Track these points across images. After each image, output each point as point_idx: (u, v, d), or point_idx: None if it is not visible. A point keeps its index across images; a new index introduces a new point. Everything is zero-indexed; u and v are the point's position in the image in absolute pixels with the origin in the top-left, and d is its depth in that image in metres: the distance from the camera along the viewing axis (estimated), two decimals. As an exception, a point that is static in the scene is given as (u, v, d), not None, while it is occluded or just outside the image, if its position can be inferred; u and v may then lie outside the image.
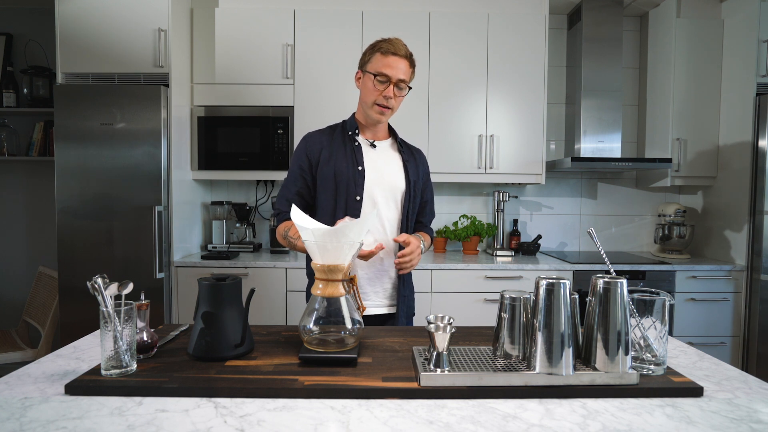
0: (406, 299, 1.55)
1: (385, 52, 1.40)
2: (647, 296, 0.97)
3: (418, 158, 1.61)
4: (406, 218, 1.52)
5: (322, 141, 1.50)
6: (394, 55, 1.40)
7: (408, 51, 1.44)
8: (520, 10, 2.78)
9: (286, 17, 2.72)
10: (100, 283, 0.91)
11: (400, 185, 1.50)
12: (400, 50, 1.41)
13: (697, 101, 2.87)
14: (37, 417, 0.78)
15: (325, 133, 1.53)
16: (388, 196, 1.49)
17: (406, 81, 1.43)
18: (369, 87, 1.43)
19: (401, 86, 1.43)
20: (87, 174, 2.47)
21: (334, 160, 1.46)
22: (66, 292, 2.49)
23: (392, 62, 1.40)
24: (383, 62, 1.40)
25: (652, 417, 0.80)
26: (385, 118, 1.46)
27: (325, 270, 1.03)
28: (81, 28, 2.51)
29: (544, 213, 3.22)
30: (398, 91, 1.43)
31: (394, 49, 1.40)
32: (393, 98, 1.43)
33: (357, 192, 1.45)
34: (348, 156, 1.47)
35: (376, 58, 1.42)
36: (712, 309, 2.67)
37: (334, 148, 1.48)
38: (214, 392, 0.86)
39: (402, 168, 1.52)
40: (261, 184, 3.12)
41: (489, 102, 2.78)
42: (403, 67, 1.42)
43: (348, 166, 1.46)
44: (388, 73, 1.40)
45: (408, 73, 1.44)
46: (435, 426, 0.76)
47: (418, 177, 1.56)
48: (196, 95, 2.79)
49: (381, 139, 1.55)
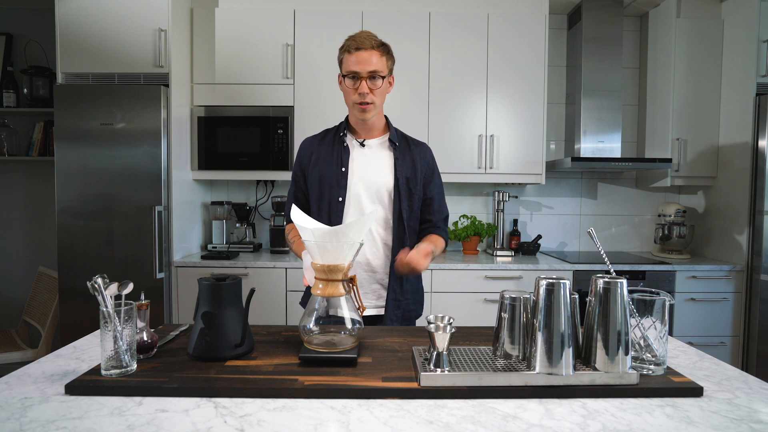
0: (400, 303, 1.50)
1: (351, 50, 1.38)
2: (647, 296, 0.97)
3: (418, 153, 1.53)
4: (399, 217, 1.46)
5: (313, 146, 1.53)
6: (359, 50, 1.37)
7: (375, 41, 1.39)
8: (520, 10, 2.78)
9: (286, 17, 2.72)
10: (100, 283, 0.91)
11: (388, 184, 1.46)
12: (365, 43, 1.37)
13: (697, 101, 2.87)
14: (37, 417, 0.78)
15: (318, 138, 1.56)
16: (373, 195, 1.46)
17: (378, 72, 1.39)
18: (345, 88, 1.43)
19: (375, 78, 1.39)
20: (87, 174, 2.47)
21: (320, 163, 1.49)
22: (66, 292, 2.49)
23: (359, 57, 1.37)
24: (350, 60, 1.38)
25: (652, 417, 0.80)
26: (370, 114, 1.43)
27: (325, 270, 1.03)
28: (81, 28, 2.51)
29: (544, 213, 3.22)
30: (373, 84, 1.39)
31: (358, 44, 1.37)
32: (369, 93, 1.39)
33: (339, 193, 1.45)
34: (334, 158, 1.48)
35: (345, 59, 1.40)
36: (712, 309, 2.67)
37: (322, 152, 1.50)
38: (214, 392, 0.86)
39: (391, 166, 1.48)
40: (261, 184, 3.12)
41: (489, 102, 2.78)
42: (373, 59, 1.37)
43: (332, 168, 1.46)
44: (357, 70, 1.38)
45: (380, 63, 1.39)
46: (435, 426, 0.76)
47: (413, 174, 1.49)
48: (196, 95, 2.79)
49: (375, 137, 1.51)
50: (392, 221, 1.48)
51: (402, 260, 1.34)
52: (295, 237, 1.44)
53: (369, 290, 1.50)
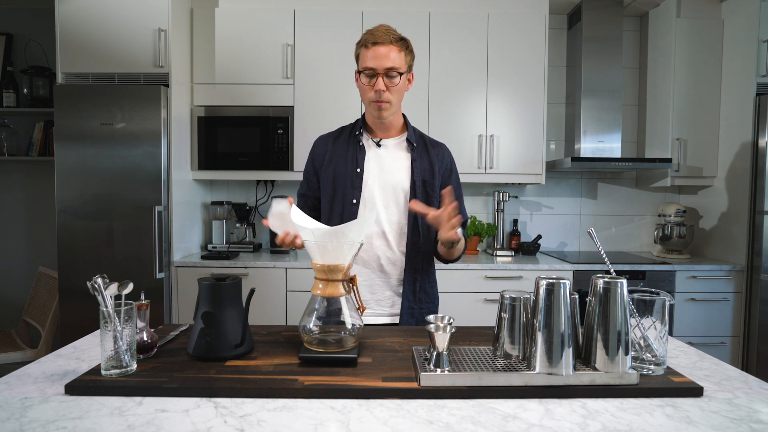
0: (414, 311, 1.42)
1: (368, 44, 1.31)
2: (647, 296, 0.97)
3: (436, 155, 1.45)
4: (415, 222, 1.40)
5: (327, 144, 1.46)
6: (376, 45, 1.30)
7: (395, 35, 1.32)
8: (520, 10, 2.78)
9: (286, 17, 2.72)
10: (100, 283, 0.91)
11: (404, 186, 1.40)
12: (382, 37, 1.30)
13: (697, 101, 2.87)
14: (37, 417, 0.77)
15: (333, 136, 1.48)
16: (388, 197, 1.40)
17: (396, 68, 1.31)
18: (361, 85, 1.36)
19: (392, 75, 1.31)
20: (87, 174, 2.47)
21: (334, 163, 1.42)
22: (66, 292, 2.49)
23: (376, 53, 1.30)
24: (367, 56, 1.31)
25: (652, 417, 0.80)
26: (387, 113, 1.36)
27: (325, 270, 1.03)
28: (81, 28, 2.51)
29: (544, 213, 3.22)
30: (390, 81, 1.32)
31: (375, 38, 1.30)
32: (386, 91, 1.32)
33: (354, 195, 1.38)
34: (349, 158, 1.41)
35: (362, 54, 1.34)
36: (712, 309, 2.67)
37: (337, 151, 1.44)
38: (214, 392, 0.86)
39: (408, 167, 1.41)
40: (261, 184, 3.12)
41: (489, 102, 2.78)
42: (392, 54, 1.30)
43: (347, 168, 1.40)
44: (373, 65, 1.30)
45: (399, 59, 1.31)
46: (435, 426, 0.76)
47: (430, 176, 1.42)
48: (196, 95, 2.79)
49: (392, 136, 1.44)
50: (407, 226, 1.40)
51: (440, 215, 1.21)
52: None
53: (382, 297, 1.43)
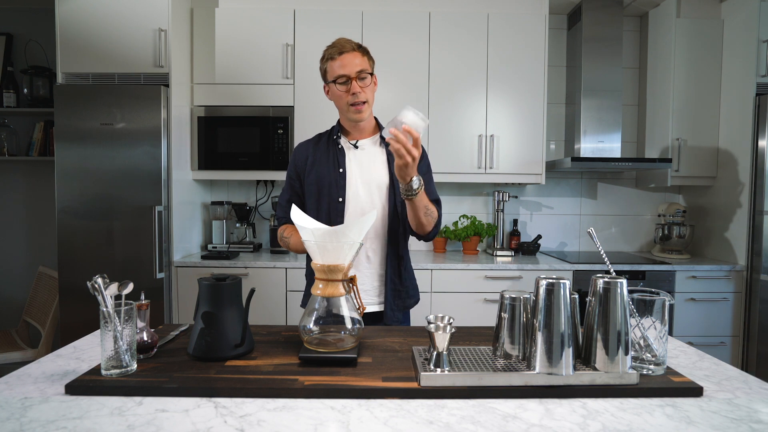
0: (400, 293, 1.54)
1: (334, 56, 1.44)
2: (647, 296, 0.97)
3: None
4: (395, 210, 1.51)
5: (308, 150, 1.58)
6: (343, 54, 1.44)
7: (354, 44, 1.47)
8: (520, 10, 2.78)
9: (286, 17, 2.72)
10: (100, 283, 0.91)
11: (384, 180, 1.51)
12: (346, 47, 1.44)
13: (697, 101, 2.87)
14: (37, 417, 0.78)
15: (312, 142, 1.60)
16: (373, 193, 1.50)
17: (365, 70, 1.45)
18: (337, 93, 1.47)
19: (363, 77, 1.45)
20: (87, 174, 2.47)
21: (317, 166, 1.53)
22: (66, 292, 2.49)
23: (344, 61, 1.43)
24: (336, 65, 1.44)
25: (652, 417, 0.80)
26: (365, 114, 1.48)
27: (325, 270, 1.03)
28: (81, 28, 2.51)
29: (544, 213, 3.22)
30: (362, 83, 1.45)
31: (340, 49, 1.44)
32: (361, 91, 1.45)
33: (339, 194, 1.49)
34: (330, 160, 1.52)
35: (329, 67, 1.46)
36: (712, 309, 2.67)
37: (318, 155, 1.55)
38: (214, 392, 0.86)
39: (384, 162, 1.53)
40: (261, 184, 3.12)
41: (489, 102, 2.78)
42: (356, 60, 1.44)
43: (330, 169, 1.51)
44: (345, 72, 1.43)
45: (364, 62, 1.46)
46: (435, 426, 0.76)
47: None
48: (196, 95, 2.79)
49: (366, 137, 1.56)
50: (388, 215, 1.52)
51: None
52: (292, 232, 1.47)
53: (370, 287, 1.52)
